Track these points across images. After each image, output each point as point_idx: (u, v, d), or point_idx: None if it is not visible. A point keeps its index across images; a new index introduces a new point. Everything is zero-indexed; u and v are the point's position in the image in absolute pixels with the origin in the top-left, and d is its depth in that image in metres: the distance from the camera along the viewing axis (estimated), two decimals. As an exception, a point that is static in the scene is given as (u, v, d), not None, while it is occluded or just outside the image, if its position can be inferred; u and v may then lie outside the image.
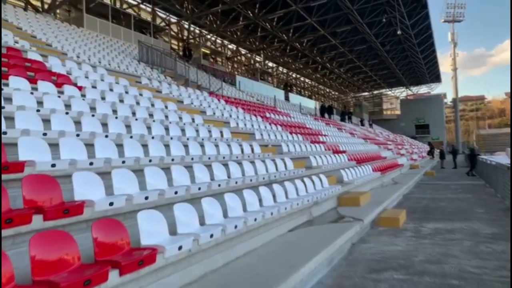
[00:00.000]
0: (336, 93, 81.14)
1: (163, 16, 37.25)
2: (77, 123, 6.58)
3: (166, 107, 11.23)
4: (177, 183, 5.74)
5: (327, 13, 35.80)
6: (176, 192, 5.24)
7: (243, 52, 49.54)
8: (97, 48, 19.85)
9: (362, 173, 13.78)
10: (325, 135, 21.24)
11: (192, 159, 7.14)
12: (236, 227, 4.93)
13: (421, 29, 42.28)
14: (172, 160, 6.62)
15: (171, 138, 7.95)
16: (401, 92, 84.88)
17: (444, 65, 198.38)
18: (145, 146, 6.69)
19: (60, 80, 9.15)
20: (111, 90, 10.58)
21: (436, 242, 7.56)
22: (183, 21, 37.98)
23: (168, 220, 4.39)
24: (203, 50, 41.18)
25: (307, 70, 59.46)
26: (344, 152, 17.39)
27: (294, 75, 62.78)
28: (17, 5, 24.34)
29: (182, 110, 11.60)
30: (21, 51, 10.71)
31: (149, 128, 8.08)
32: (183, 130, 9.00)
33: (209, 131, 9.99)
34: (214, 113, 13.53)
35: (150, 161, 6.18)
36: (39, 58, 10.60)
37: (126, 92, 11.03)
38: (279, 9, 34.11)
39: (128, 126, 7.55)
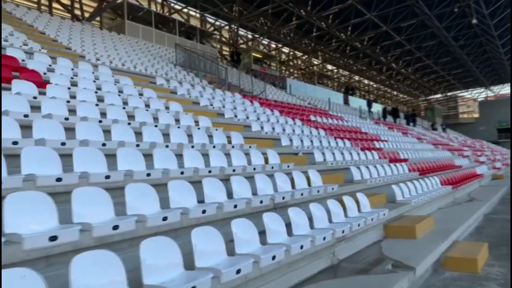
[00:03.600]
0: (405, 96, 75.18)
1: (212, 21, 36.06)
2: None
3: (167, 107, 9.13)
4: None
5: (388, 7, 32.23)
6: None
7: (298, 55, 46.97)
8: (129, 53, 18.52)
9: (425, 188, 10.59)
10: (383, 141, 18.01)
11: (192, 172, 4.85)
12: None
13: (502, 19, 36.61)
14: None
15: (167, 146, 5.77)
16: (480, 93, 76.74)
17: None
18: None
19: (23, 76, 7.40)
20: (98, 89, 8.71)
21: (544, 311, 4.56)
22: (232, 26, 36.42)
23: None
24: (255, 55, 39.26)
25: (370, 72, 55.15)
26: (404, 160, 14.16)
27: (356, 78, 58.68)
28: (62, 15, 24.12)
29: (188, 111, 9.42)
30: None
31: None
32: (166, 135, 6.76)
33: (210, 136, 7.67)
34: (235, 116, 11.22)
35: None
36: (21, 56, 9.07)
37: (120, 91, 9.12)
38: (333, 5, 31.28)
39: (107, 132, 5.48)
